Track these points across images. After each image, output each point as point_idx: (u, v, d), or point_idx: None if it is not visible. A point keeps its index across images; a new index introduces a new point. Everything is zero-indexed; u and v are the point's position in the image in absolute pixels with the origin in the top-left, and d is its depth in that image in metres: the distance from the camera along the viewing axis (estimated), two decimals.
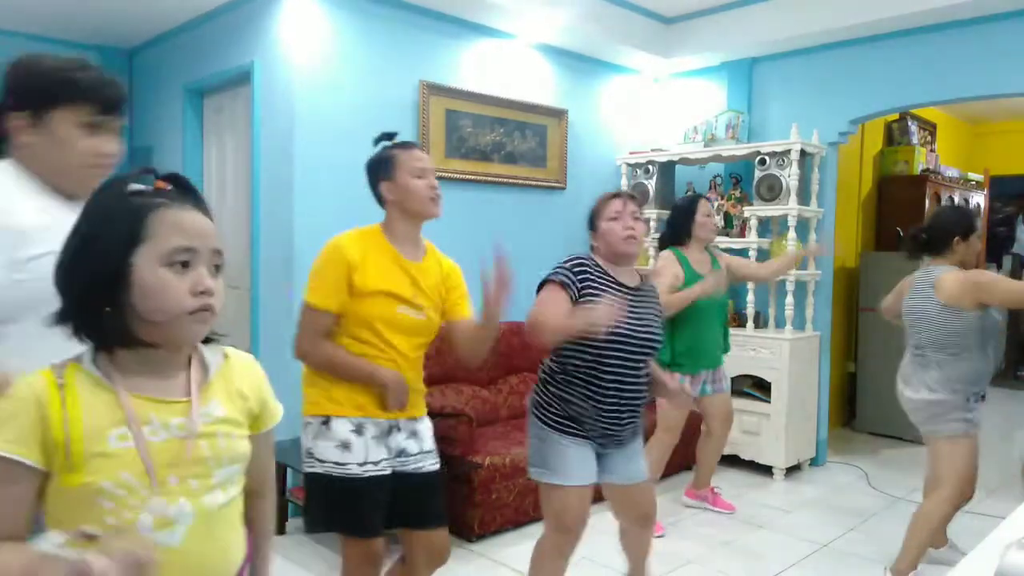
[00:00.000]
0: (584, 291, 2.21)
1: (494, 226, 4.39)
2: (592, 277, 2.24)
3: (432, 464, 2.16)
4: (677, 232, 3.60)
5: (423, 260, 2.13)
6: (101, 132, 1.51)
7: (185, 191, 1.10)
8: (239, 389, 1.16)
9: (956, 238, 2.84)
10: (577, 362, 2.23)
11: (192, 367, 1.11)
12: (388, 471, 2.05)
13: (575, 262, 2.28)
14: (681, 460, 4.16)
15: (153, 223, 1.02)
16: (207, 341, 1.15)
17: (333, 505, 2.03)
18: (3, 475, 0.97)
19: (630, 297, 2.26)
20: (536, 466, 2.29)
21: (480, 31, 4.26)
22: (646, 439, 3.22)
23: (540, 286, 2.29)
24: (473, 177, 4.27)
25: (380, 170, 2.10)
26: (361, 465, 2.00)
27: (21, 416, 0.98)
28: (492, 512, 3.36)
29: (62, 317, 1.04)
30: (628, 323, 2.17)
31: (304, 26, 3.57)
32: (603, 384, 2.21)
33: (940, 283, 2.76)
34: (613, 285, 2.26)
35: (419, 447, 2.13)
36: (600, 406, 2.22)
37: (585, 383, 2.22)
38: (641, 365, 2.27)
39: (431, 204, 2.09)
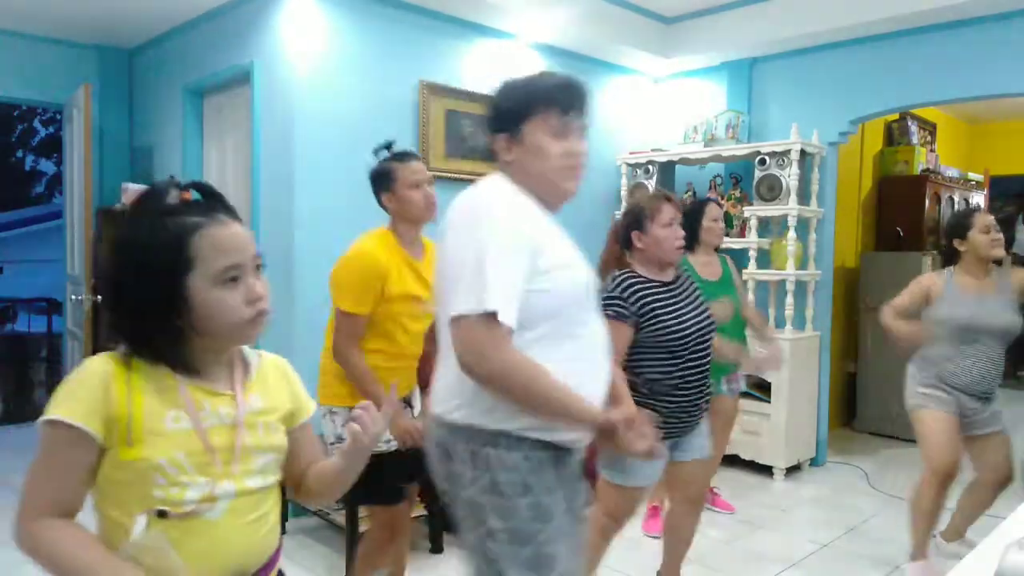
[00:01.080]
0: (643, 310, 2.25)
1: None
2: (643, 291, 2.27)
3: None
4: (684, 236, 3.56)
5: (424, 257, 2.32)
6: (569, 133, 1.58)
7: (212, 199, 1.16)
8: (275, 386, 1.24)
9: (955, 241, 2.96)
10: (651, 368, 2.27)
11: (235, 365, 1.19)
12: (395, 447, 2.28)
13: (624, 284, 2.28)
14: None
15: (197, 247, 1.08)
16: None
17: (362, 480, 2.19)
18: (69, 441, 1.05)
19: (673, 290, 2.34)
20: (608, 468, 2.35)
21: (480, 31, 4.26)
22: None
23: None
24: (473, 177, 4.20)
25: (381, 182, 2.28)
26: (387, 442, 2.24)
27: (90, 390, 1.06)
28: None
29: (117, 333, 1.11)
30: (684, 314, 2.28)
31: (304, 26, 3.57)
32: (677, 379, 2.27)
33: None
34: (659, 288, 2.31)
35: (411, 414, 2.41)
36: (679, 400, 2.30)
37: (662, 384, 2.26)
38: (706, 351, 2.34)
39: (427, 212, 2.28)
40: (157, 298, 1.07)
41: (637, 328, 2.24)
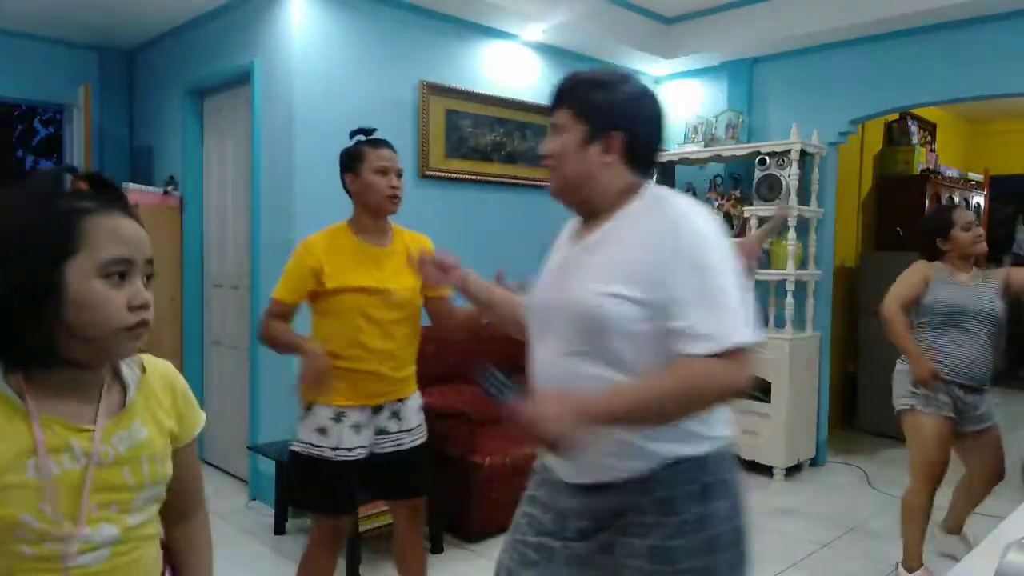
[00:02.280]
0: None
1: (494, 226, 4.39)
2: None
3: (412, 441, 2.32)
4: None
5: (389, 246, 2.26)
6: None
7: (110, 193, 1.01)
8: (161, 405, 1.09)
9: (937, 240, 2.98)
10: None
11: (105, 389, 1.02)
12: (362, 456, 2.21)
13: None
14: None
15: (87, 231, 0.94)
16: None
17: (305, 483, 2.26)
18: None
19: None
20: None
21: (480, 31, 4.26)
22: None
23: None
24: (473, 177, 4.27)
25: (348, 162, 2.23)
26: (334, 450, 2.17)
27: None
28: (492, 512, 3.36)
29: None
30: None
31: (304, 26, 3.57)
32: None
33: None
34: None
35: (399, 427, 2.28)
36: None
37: None
38: None
39: (388, 202, 2.20)
40: (26, 282, 0.91)
41: None
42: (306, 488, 2.27)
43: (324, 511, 2.25)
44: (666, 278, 1.29)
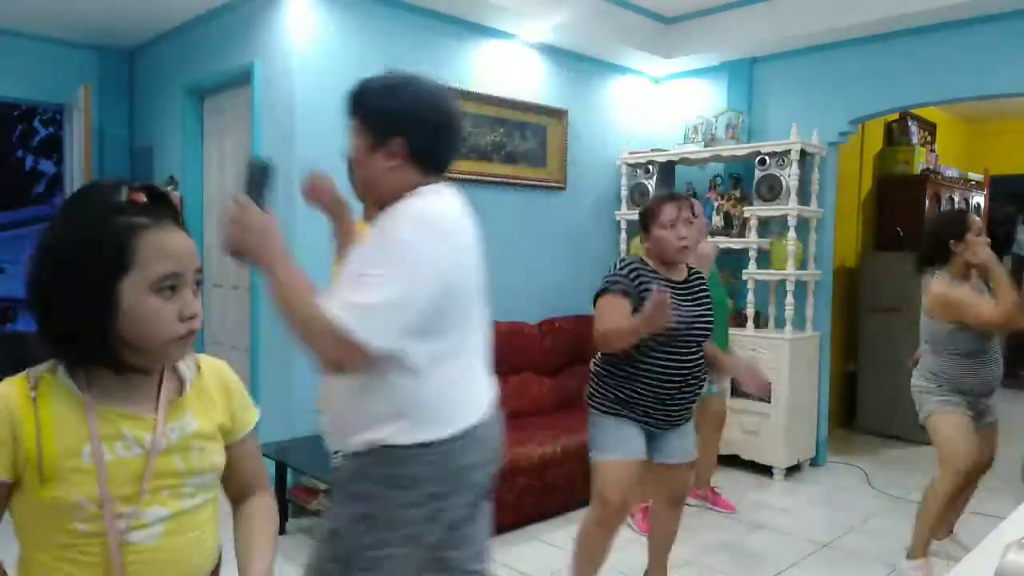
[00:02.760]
0: (643, 294, 2.30)
1: (494, 226, 4.38)
2: (647, 279, 2.35)
3: None
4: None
5: None
6: None
7: (161, 204, 1.07)
8: (214, 399, 1.16)
9: (952, 242, 2.89)
10: (637, 358, 2.33)
11: (165, 381, 1.09)
12: None
13: (630, 267, 2.37)
14: None
15: (139, 248, 1.00)
16: None
17: None
18: None
19: (682, 291, 2.40)
20: (590, 449, 2.44)
21: (480, 31, 4.26)
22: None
23: (596, 297, 2.37)
24: (473, 177, 4.27)
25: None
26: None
27: None
28: (492, 512, 3.36)
29: (42, 337, 1.02)
30: (682, 316, 2.30)
31: (304, 26, 3.57)
32: (664, 376, 2.33)
33: (929, 289, 2.92)
34: (666, 284, 2.35)
35: None
36: (662, 396, 2.35)
37: (647, 377, 2.34)
38: (698, 351, 2.39)
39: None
40: (88, 297, 0.98)
41: (633, 310, 2.30)
42: None
43: None
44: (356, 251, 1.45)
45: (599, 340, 2.33)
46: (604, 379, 2.42)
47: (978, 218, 3.00)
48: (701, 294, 2.47)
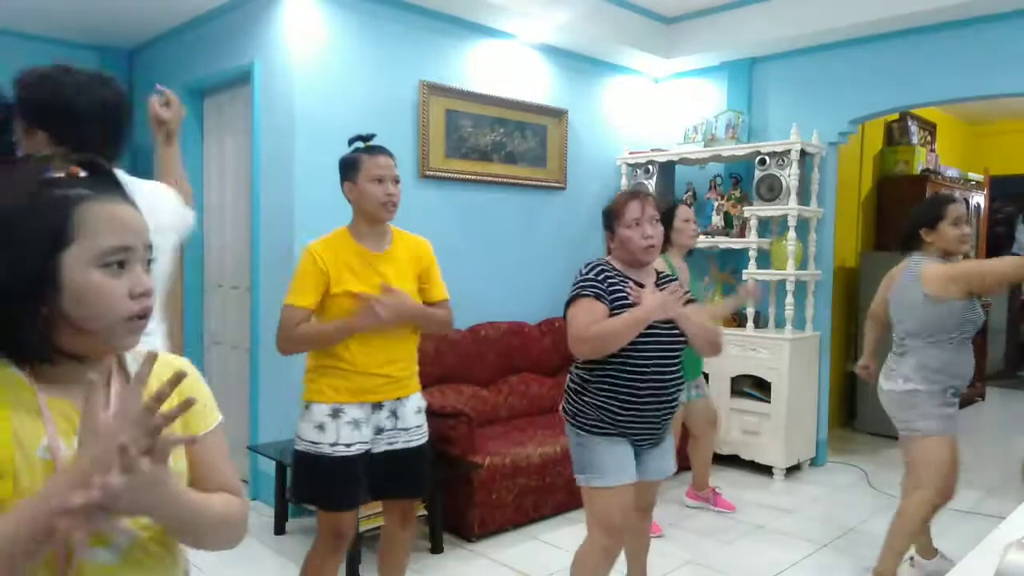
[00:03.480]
0: (612, 297, 2.20)
1: (494, 226, 4.40)
2: (616, 282, 2.23)
3: (407, 442, 2.32)
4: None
5: (389, 248, 2.30)
6: None
7: (105, 178, 0.97)
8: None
9: (923, 230, 2.79)
10: (612, 368, 2.20)
11: (114, 375, 1.00)
12: (360, 452, 2.24)
13: (598, 269, 2.26)
14: (680, 462, 4.14)
15: (82, 219, 0.91)
16: None
17: (307, 479, 2.31)
18: None
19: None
20: (580, 472, 2.29)
21: (480, 31, 4.26)
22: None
23: (568, 303, 2.25)
24: (473, 177, 4.27)
25: (346, 171, 2.28)
26: (332, 446, 2.20)
27: None
28: (492, 512, 3.36)
29: None
30: (656, 322, 2.16)
31: (304, 26, 3.57)
32: (641, 385, 2.19)
33: (924, 275, 2.72)
34: (630, 286, 2.24)
35: (394, 425, 2.30)
36: (640, 407, 2.21)
37: (623, 387, 2.20)
38: (675, 359, 2.27)
39: (382, 209, 2.24)
40: (21, 273, 0.89)
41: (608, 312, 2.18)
42: (307, 484, 2.32)
43: (325, 506, 2.28)
44: None
45: (583, 347, 2.18)
46: (583, 395, 2.27)
47: (961, 207, 2.78)
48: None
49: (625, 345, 2.14)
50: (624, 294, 2.20)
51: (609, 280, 2.23)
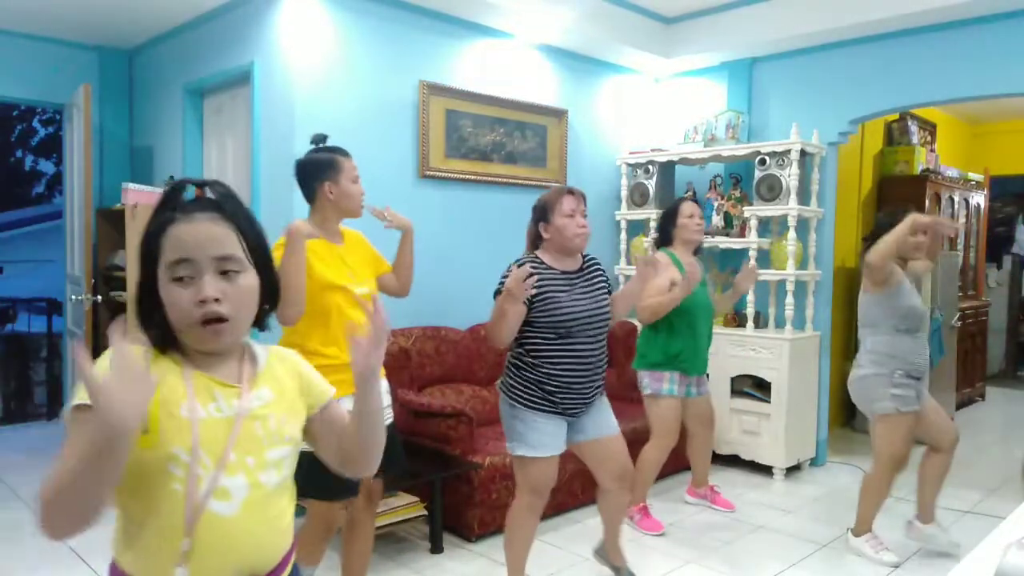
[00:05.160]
0: (535, 291, 2.43)
1: (494, 226, 4.39)
2: (538, 275, 2.43)
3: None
4: (664, 234, 3.62)
5: (344, 243, 2.47)
6: None
7: (222, 198, 1.18)
8: (284, 379, 1.24)
9: (885, 235, 3.06)
10: (541, 345, 2.49)
11: (243, 360, 1.20)
12: None
13: (521, 267, 2.48)
14: (681, 461, 4.14)
15: (165, 239, 1.11)
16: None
17: (307, 473, 2.27)
18: (88, 423, 0.99)
19: (575, 280, 2.56)
20: (512, 442, 2.59)
21: (480, 31, 4.26)
22: (639, 446, 3.47)
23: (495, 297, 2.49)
24: (473, 177, 4.27)
25: (325, 171, 2.39)
26: None
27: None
28: (492, 512, 3.36)
29: (139, 322, 1.15)
30: (577, 301, 2.50)
31: (304, 26, 3.57)
32: (567, 359, 2.49)
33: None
34: (558, 276, 2.53)
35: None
36: (569, 379, 2.49)
37: (551, 362, 2.48)
38: (598, 335, 2.55)
39: (359, 208, 2.47)
40: (143, 283, 1.12)
41: (529, 308, 2.45)
42: (311, 478, 2.32)
43: (327, 497, 2.31)
44: None
45: (488, 338, 2.50)
46: (519, 370, 2.54)
47: (923, 216, 3.07)
48: (596, 281, 2.61)
49: (549, 324, 2.46)
50: (545, 283, 2.48)
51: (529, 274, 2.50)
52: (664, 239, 3.62)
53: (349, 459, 1.30)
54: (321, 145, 2.47)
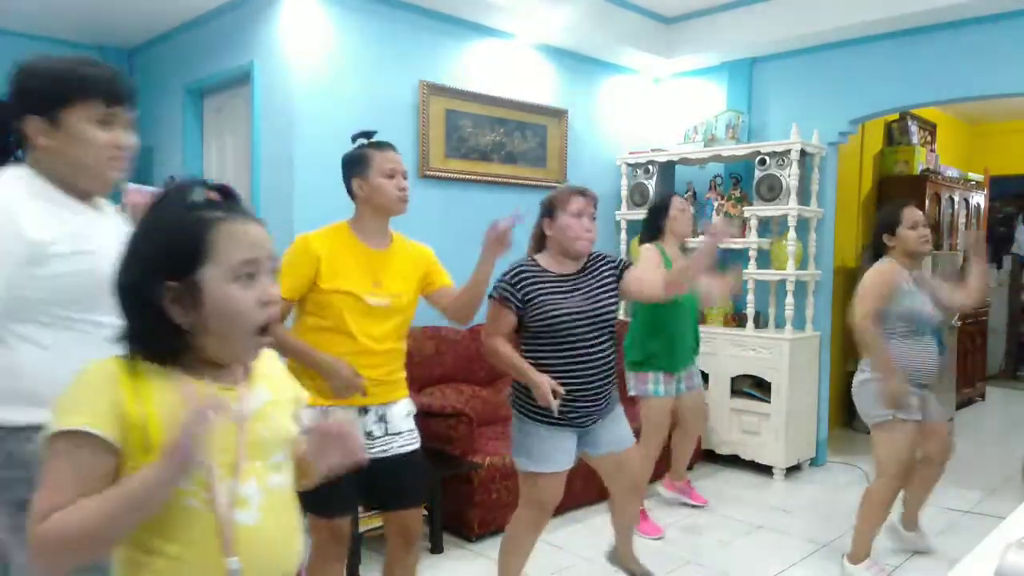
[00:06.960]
0: (527, 296, 2.37)
1: None
2: (531, 279, 2.39)
3: (400, 447, 2.23)
4: (653, 228, 3.57)
5: (388, 248, 2.28)
6: (115, 125, 1.54)
7: (234, 202, 1.13)
8: (274, 374, 1.23)
9: (885, 235, 3.03)
10: (541, 351, 2.38)
11: (235, 367, 1.16)
12: None
13: (514, 271, 2.42)
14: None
15: (216, 239, 1.04)
16: None
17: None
18: (85, 451, 0.98)
19: (573, 280, 2.43)
20: (520, 455, 2.48)
21: (480, 31, 4.26)
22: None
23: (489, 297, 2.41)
24: (473, 177, 4.27)
25: (354, 167, 2.24)
26: None
27: (99, 395, 1.00)
28: (492, 512, 3.36)
29: (126, 334, 1.06)
30: (572, 302, 2.37)
31: (304, 26, 3.57)
32: (569, 363, 2.36)
33: (863, 278, 3.06)
34: (553, 280, 2.41)
35: (384, 431, 2.22)
36: (573, 385, 2.35)
37: (554, 369, 2.35)
38: (604, 337, 2.42)
39: (398, 203, 2.25)
40: (172, 289, 1.03)
41: (521, 314, 2.37)
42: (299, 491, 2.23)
43: (317, 512, 2.17)
44: None
45: (484, 348, 2.41)
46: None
47: (916, 212, 3.01)
48: (601, 279, 2.45)
49: (551, 331, 2.35)
50: (537, 288, 2.37)
51: (525, 282, 2.39)
52: (653, 234, 3.57)
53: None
54: (363, 142, 2.30)
